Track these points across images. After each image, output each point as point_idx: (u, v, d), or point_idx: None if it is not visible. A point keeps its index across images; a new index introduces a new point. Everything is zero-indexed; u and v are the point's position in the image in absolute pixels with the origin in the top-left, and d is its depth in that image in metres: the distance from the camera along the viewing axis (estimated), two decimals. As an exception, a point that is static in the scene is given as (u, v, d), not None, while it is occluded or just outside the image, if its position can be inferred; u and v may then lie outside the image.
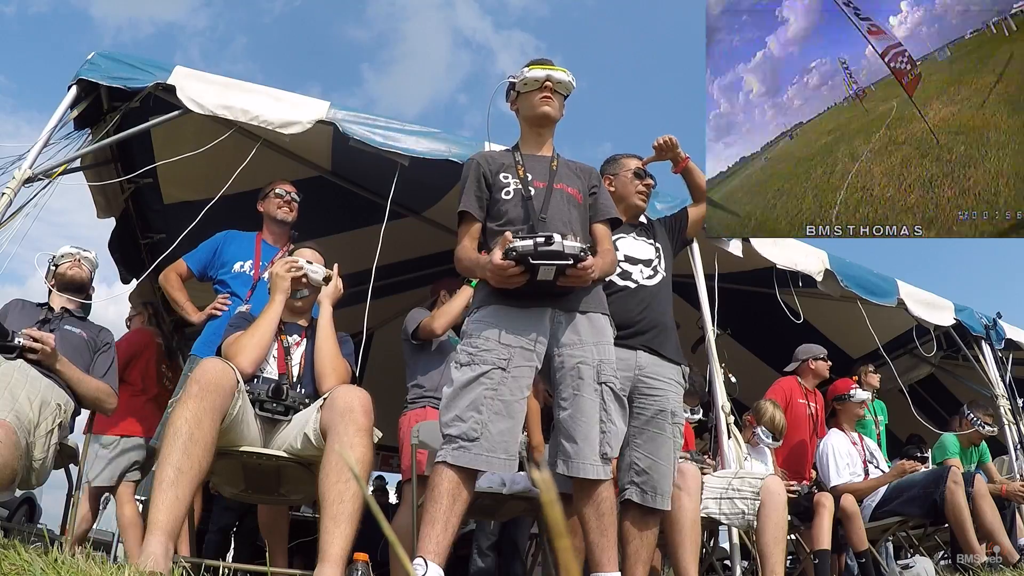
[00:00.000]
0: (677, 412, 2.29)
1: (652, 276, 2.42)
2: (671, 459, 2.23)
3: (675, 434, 2.26)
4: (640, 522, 2.20)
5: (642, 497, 2.17)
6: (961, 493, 3.32)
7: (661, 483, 2.19)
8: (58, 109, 2.83)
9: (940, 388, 5.52)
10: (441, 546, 1.70)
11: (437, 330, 2.94)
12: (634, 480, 2.19)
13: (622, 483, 2.22)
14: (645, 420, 2.23)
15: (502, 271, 1.80)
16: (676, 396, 2.31)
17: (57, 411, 2.15)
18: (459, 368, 1.87)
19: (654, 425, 2.23)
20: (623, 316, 2.25)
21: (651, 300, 2.37)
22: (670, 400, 2.27)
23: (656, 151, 2.54)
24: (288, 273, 2.23)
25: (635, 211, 2.55)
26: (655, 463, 2.19)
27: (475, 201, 2.06)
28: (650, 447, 2.21)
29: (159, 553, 1.43)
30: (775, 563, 2.50)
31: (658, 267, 2.46)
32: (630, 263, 2.41)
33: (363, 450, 1.72)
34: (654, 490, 2.17)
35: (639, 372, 2.25)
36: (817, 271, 3.84)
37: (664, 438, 2.22)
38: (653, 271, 2.43)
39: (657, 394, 2.25)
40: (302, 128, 2.91)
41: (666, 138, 2.52)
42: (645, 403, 2.24)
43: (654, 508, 2.18)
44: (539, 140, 2.18)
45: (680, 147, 2.53)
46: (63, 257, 2.85)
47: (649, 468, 2.19)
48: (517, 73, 2.15)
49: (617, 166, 2.59)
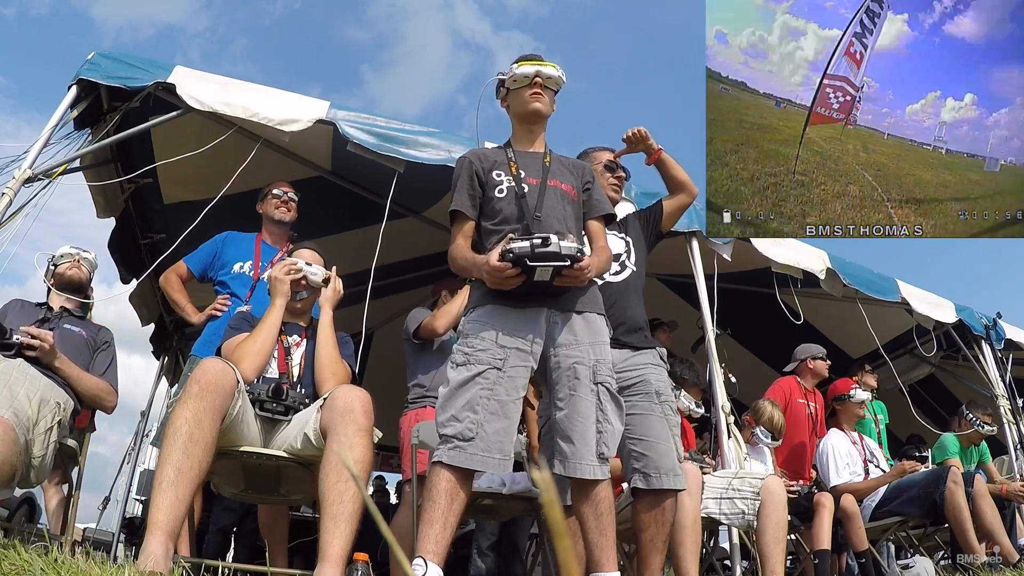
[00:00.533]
0: (662, 391, 2.24)
1: (619, 272, 2.39)
2: (667, 436, 2.17)
3: (665, 412, 2.21)
4: (652, 507, 2.14)
5: (646, 480, 2.12)
6: (961, 493, 3.32)
7: (661, 462, 2.13)
8: (58, 109, 2.83)
9: (940, 388, 5.52)
10: (440, 546, 1.70)
11: (439, 329, 2.94)
12: (635, 467, 2.16)
13: (626, 474, 2.19)
14: (630, 406, 2.19)
15: (499, 273, 1.80)
16: (657, 376, 2.27)
17: (56, 409, 2.15)
18: (455, 368, 1.86)
19: (640, 408, 2.20)
20: None
21: (618, 296, 2.33)
22: (651, 382, 2.23)
23: (627, 143, 2.48)
24: (287, 276, 2.23)
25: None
26: (649, 443, 2.15)
27: (468, 200, 2.05)
28: (641, 429, 2.17)
29: (159, 553, 1.43)
30: (775, 563, 2.50)
31: (627, 262, 2.42)
32: None
33: (363, 450, 1.72)
34: (656, 470, 2.12)
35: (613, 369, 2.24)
36: (819, 270, 3.84)
37: (653, 418, 2.19)
38: (620, 266, 2.40)
39: (636, 382, 2.23)
40: (302, 126, 2.91)
41: (636, 130, 2.45)
42: (627, 394, 2.20)
43: (662, 489, 2.12)
44: (531, 137, 2.17)
45: (652, 138, 2.46)
46: (62, 257, 2.85)
47: (646, 450, 2.14)
48: (506, 70, 2.14)
49: (588, 159, 2.56)
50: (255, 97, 2.93)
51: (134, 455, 4.13)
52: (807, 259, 3.81)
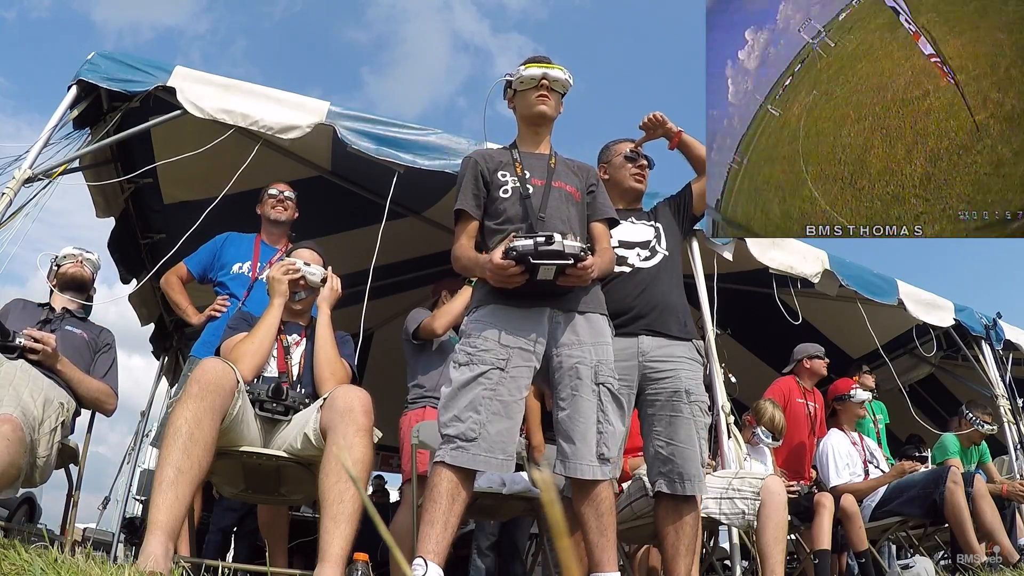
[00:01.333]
0: (693, 390, 2.17)
1: (650, 257, 2.34)
2: (693, 440, 2.12)
3: (694, 413, 2.15)
4: (673, 513, 2.12)
5: (671, 486, 2.10)
6: (961, 493, 3.32)
7: (687, 467, 2.09)
8: (58, 109, 2.83)
9: (940, 388, 5.52)
10: (441, 546, 1.70)
11: (438, 330, 2.94)
12: (660, 470, 2.13)
13: (651, 476, 2.18)
14: (660, 405, 2.16)
15: (502, 271, 1.80)
16: (690, 373, 2.20)
17: (60, 409, 2.15)
18: (457, 368, 1.86)
19: (669, 408, 2.15)
20: (620, 303, 2.20)
21: (649, 281, 2.29)
22: (683, 379, 2.17)
23: (645, 130, 2.45)
24: (284, 276, 2.23)
25: (632, 195, 2.50)
26: (676, 448, 2.11)
27: (472, 199, 2.06)
28: (669, 432, 2.13)
29: (159, 553, 1.43)
30: (775, 563, 2.50)
31: (657, 247, 2.37)
32: (625, 248, 2.34)
33: (363, 450, 1.72)
34: (680, 476, 2.09)
35: (643, 358, 2.18)
36: (814, 273, 3.83)
37: (682, 420, 2.13)
38: (651, 252, 2.35)
39: (667, 375, 2.17)
40: (301, 133, 2.93)
41: (652, 115, 2.42)
42: (656, 387, 2.17)
43: (686, 496, 2.10)
44: (536, 138, 2.17)
45: (670, 121, 2.42)
46: (65, 257, 2.86)
47: (672, 455, 2.11)
48: (513, 71, 2.15)
49: (609, 152, 2.54)
50: (254, 103, 2.93)
51: (134, 455, 4.13)
52: (802, 263, 3.80)
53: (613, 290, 2.21)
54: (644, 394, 2.19)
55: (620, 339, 2.13)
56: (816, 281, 3.84)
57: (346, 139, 2.94)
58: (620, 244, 2.34)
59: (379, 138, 3.01)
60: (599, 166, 2.55)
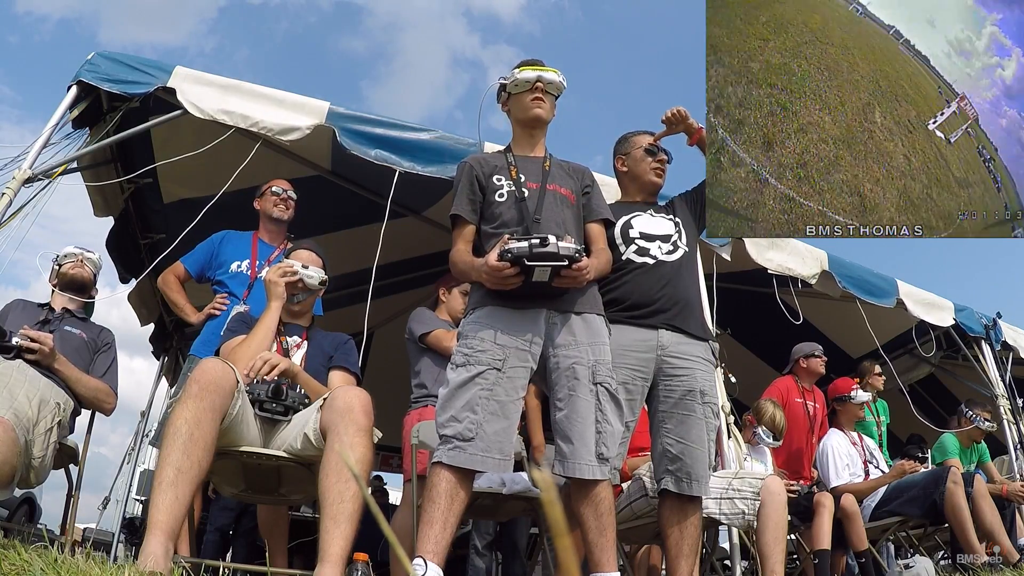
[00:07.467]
0: (707, 391, 2.17)
1: (672, 251, 2.30)
2: (704, 441, 2.12)
3: (707, 414, 2.14)
4: (677, 512, 2.12)
5: (677, 485, 2.10)
6: (961, 493, 3.32)
7: (695, 468, 2.09)
8: (58, 109, 2.83)
9: (940, 388, 5.52)
10: (440, 546, 1.70)
11: (450, 351, 2.91)
12: (668, 468, 2.12)
13: (657, 473, 2.17)
14: (673, 403, 2.15)
15: (498, 273, 1.81)
16: (705, 374, 2.20)
17: (56, 409, 2.15)
18: (455, 369, 1.87)
19: (682, 407, 2.14)
20: (642, 294, 2.19)
21: (672, 276, 2.26)
22: (698, 379, 2.16)
23: (667, 124, 2.41)
24: (281, 279, 2.22)
25: (651, 188, 2.47)
26: (687, 447, 2.11)
27: (467, 204, 2.06)
28: (680, 431, 2.12)
29: (159, 553, 1.42)
30: (775, 563, 2.50)
31: (678, 242, 2.34)
32: (647, 240, 2.30)
33: (363, 450, 1.72)
34: (688, 476, 2.09)
35: (662, 352, 2.16)
36: (812, 274, 3.82)
37: (694, 419, 2.13)
38: (673, 246, 2.31)
39: (683, 374, 2.16)
40: (301, 134, 2.93)
41: (675, 110, 2.37)
42: (671, 384, 2.16)
43: (691, 496, 2.10)
44: (531, 141, 2.18)
45: (692, 118, 2.37)
46: (66, 257, 2.85)
47: (681, 453, 2.10)
48: (508, 75, 2.15)
49: (628, 144, 2.51)
50: (254, 104, 2.93)
51: (134, 455, 4.13)
52: (801, 263, 3.80)
53: (634, 281, 2.20)
54: (657, 389, 2.18)
55: (640, 330, 2.13)
56: (814, 282, 3.84)
57: (345, 143, 2.95)
58: (641, 236, 2.31)
59: (378, 141, 3.01)
60: (616, 158, 2.52)
